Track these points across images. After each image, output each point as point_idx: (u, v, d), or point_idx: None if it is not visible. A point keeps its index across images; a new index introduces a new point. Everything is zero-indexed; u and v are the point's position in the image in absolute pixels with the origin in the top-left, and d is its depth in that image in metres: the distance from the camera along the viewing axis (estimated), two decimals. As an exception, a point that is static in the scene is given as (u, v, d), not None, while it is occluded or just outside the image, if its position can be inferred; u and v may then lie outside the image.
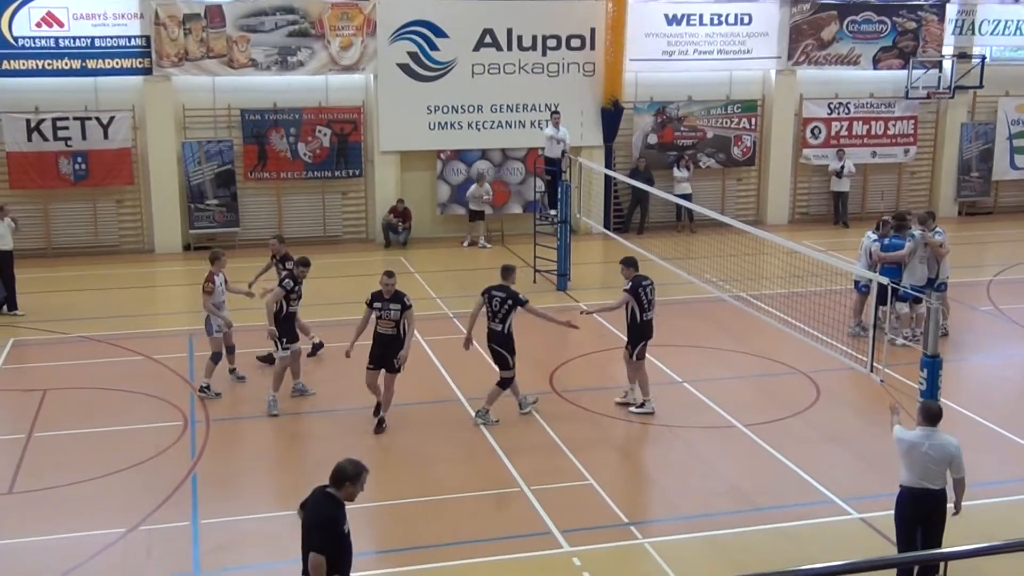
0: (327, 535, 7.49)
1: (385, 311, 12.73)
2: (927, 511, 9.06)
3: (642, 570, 9.85)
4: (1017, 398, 14.93)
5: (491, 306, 13.14)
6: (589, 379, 14.65)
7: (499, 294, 13.13)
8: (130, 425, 13.31)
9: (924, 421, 9.07)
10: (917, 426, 9.11)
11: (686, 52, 24.88)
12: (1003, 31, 26.95)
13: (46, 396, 14.24)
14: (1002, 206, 27.87)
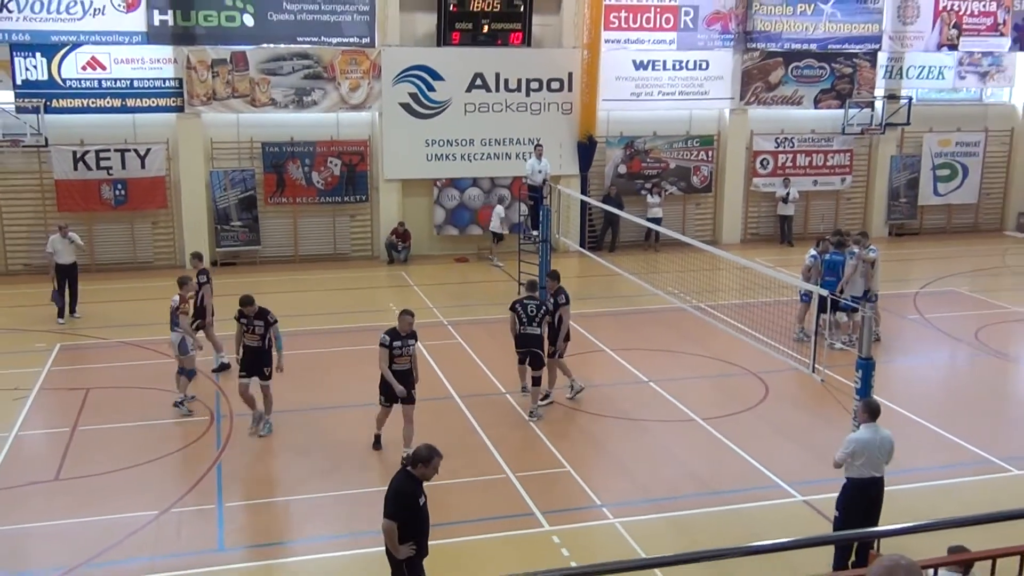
0: (398, 505, 7.69)
1: (251, 326, 12.33)
2: (874, 496, 9.09)
3: (613, 546, 9.82)
4: (940, 395, 14.98)
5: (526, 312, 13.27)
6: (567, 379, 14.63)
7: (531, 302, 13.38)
8: (162, 420, 13.26)
9: (870, 417, 9.11)
10: (862, 424, 9.13)
11: (652, 93, 24.93)
12: (927, 76, 27.10)
13: (89, 394, 14.17)
14: (927, 228, 27.95)
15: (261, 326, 12.36)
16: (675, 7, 24.51)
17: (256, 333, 12.36)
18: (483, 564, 9.41)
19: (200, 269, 15.27)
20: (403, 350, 11.72)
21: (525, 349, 13.30)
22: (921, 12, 26.21)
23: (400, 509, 7.65)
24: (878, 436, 9.01)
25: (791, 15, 25.30)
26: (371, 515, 10.59)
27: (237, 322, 12.47)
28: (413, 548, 7.71)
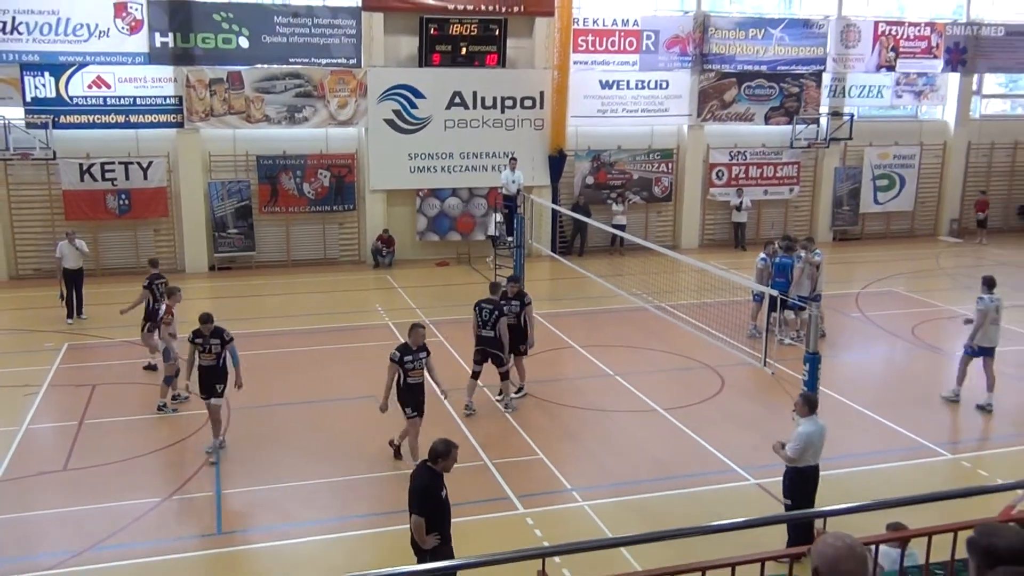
0: (423, 500, 7.60)
1: (207, 345, 11.44)
2: (816, 481, 9.19)
3: (581, 527, 9.84)
4: (880, 386, 15.09)
5: (481, 316, 13.11)
6: (540, 373, 14.63)
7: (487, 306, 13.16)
8: (164, 414, 13.14)
9: (809, 411, 9.17)
10: (803, 417, 9.19)
11: (616, 110, 24.99)
12: (867, 94, 27.31)
13: (95, 390, 14.03)
14: (868, 233, 28.17)
15: (217, 344, 11.46)
16: (637, 32, 24.59)
17: (212, 352, 11.43)
18: (465, 543, 9.35)
19: (152, 274, 15.07)
20: (415, 363, 11.00)
21: (481, 348, 13.17)
22: (862, 36, 26.42)
23: (425, 504, 7.59)
24: (819, 427, 9.10)
25: (743, 39, 25.43)
26: (360, 500, 10.60)
27: (191, 343, 11.46)
28: (438, 538, 7.66)
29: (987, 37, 27.52)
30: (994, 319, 13.60)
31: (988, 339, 13.61)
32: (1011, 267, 24.04)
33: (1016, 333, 17.67)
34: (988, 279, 14.01)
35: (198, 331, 11.50)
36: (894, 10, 27.66)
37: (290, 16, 22.09)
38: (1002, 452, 12.06)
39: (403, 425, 11.25)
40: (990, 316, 13.56)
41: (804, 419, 9.10)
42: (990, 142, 28.88)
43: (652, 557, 7.14)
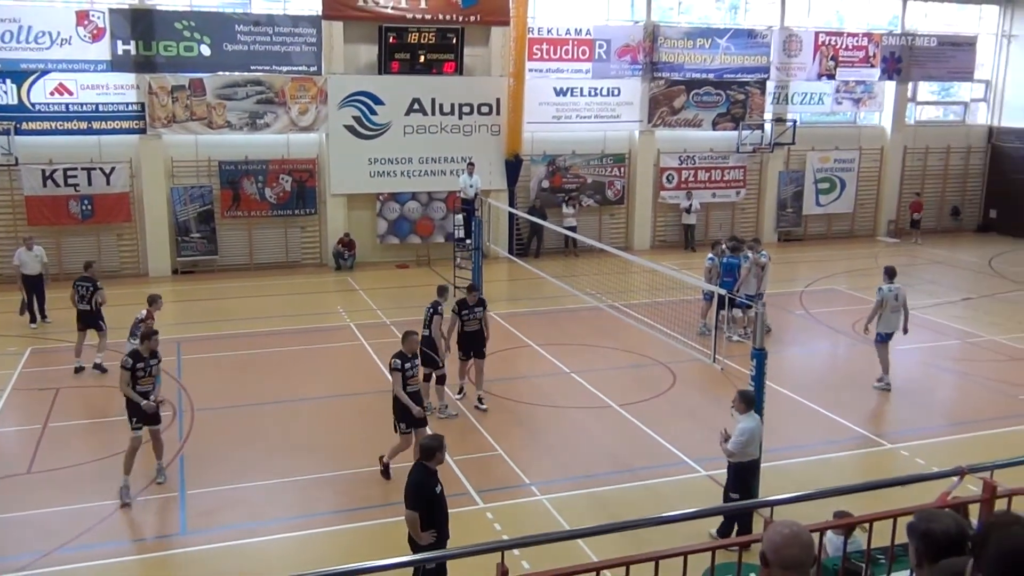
0: (418, 496, 7.58)
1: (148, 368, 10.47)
2: (757, 474, 9.32)
3: (540, 520, 9.84)
4: (823, 380, 15.30)
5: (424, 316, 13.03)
6: (498, 371, 14.64)
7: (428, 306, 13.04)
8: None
9: (747, 407, 9.31)
10: (742, 413, 9.31)
11: (570, 117, 25.06)
12: (809, 101, 27.70)
13: (58, 394, 13.76)
14: (810, 234, 28.53)
15: (156, 365, 10.60)
16: (590, 41, 24.69)
17: (152, 375, 10.53)
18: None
19: (82, 276, 14.94)
20: (413, 371, 10.76)
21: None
22: (803, 46, 26.79)
23: (420, 500, 7.56)
24: (758, 423, 9.24)
25: (691, 48, 25.67)
26: (325, 497, 10.51)
27: (130, 371, 10.33)
28: (434, 535, 7.62)
29: (920, 47, 28.07)
30: (894, 307, 14.25)
31: (888, 325, 14.30)
32: (945, 266, 24.56)
33: (952, 328, 18.06)
34: (889, 269, 14.76)
35: (139, 353, 10.51)
36: (834, 21, 28.09)
37: (251, 24, 21.84)
38: (938, 441, 12.29)
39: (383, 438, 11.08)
40: (889, 304, 14.22)
41: (743, 415, 9.23)
42: (924, 147, 29.47)
43: (608, 548, 7.16)
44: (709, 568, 4.89)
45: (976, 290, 21.43)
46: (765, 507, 6.08)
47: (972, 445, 11.97)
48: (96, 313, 14.99)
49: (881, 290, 14.40)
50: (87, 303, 14.87)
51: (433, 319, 12.78)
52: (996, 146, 29.84)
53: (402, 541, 7.86)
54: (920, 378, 15.47)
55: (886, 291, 14.32)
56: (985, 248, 27.02)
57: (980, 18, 29.31)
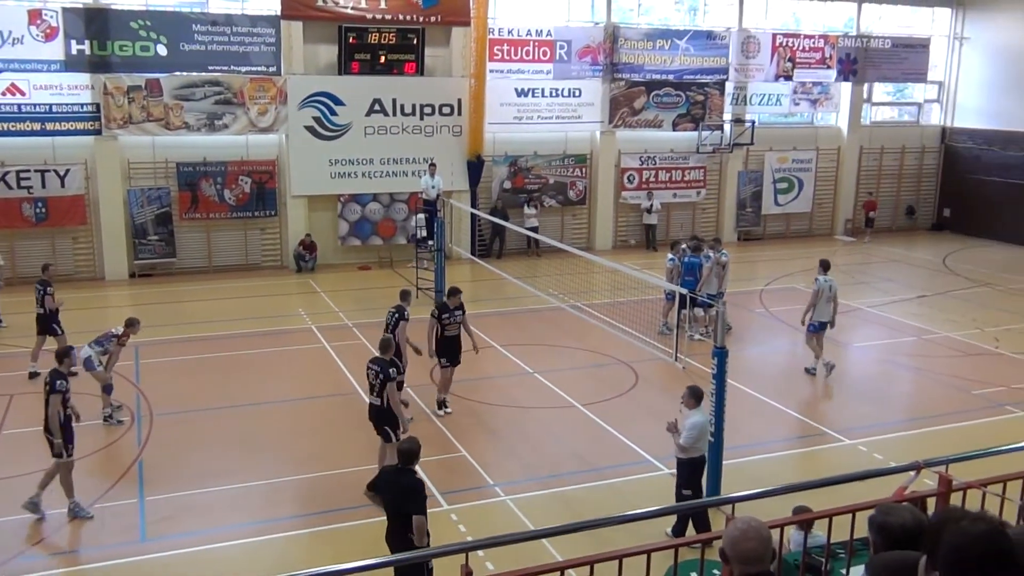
0: (422, 500, 7.43)
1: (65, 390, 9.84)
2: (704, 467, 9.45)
3: (505, 521, 9.85)
4: (782, 377, 15.47)
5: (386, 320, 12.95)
6: (461, 372, 14.60)
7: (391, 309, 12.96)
8: (86, 422, 12.64)
9: (696, 403, 9.42)
10: (691, 409, 9.41)
11: (532, 117, 25.09)
12: (767, 102, 28.02)
13: (12, 400, 13.49)
14: (769, 233, 28.82)
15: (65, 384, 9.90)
16: (551, 42, 24.76)
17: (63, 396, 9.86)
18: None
19: (39, 279, 14.86)
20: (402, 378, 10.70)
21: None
22: (761, 48, 27.09)
23: (424, 503, 7.49)
24: (706, 417, 9.36)
25: (651, 49, 25.84)
26: (287, 502, 10.41)
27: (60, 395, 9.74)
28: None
29: (875, 49, 28.53)
30: (828, 298, 14.83)
31: (821, 315, 14.88)
32: (901, 264, 24.99)
33: (908, 325, 18.37)
34: (824, 262, 15.29)
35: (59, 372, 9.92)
36: (791, 23, 28.43)
37: (209, 24, 21.59)
38: (895, 437, 12.50)
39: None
40: (824, 295, 14.80)
41: (692, 411, 9.34)
42: (880, 147, 29.95)
43: (573, 547, 7.17)
44: (672, 566, 4.93)
45: (931, 287, 21.82)
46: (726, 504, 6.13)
47: (928, 440, 12.18)
48: (48, 316, 14.72)
49: (818, 281, 14.97)
50: (40, 306, 14.63)
51: (399, 324, 12.71)
52: (949, 146, 30.41)
53: (365, 544, 7.81)
54: (877, 375, 15.72)
55: (822, 282, 14.89)
56: (939, 246, 27.52)
57: (933, 20, 29.86)
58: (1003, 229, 27.83)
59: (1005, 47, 28.29)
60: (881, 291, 21.24)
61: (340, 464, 11.22)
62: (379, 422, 10.42)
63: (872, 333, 18.00)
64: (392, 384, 10.37)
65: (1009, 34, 28.16)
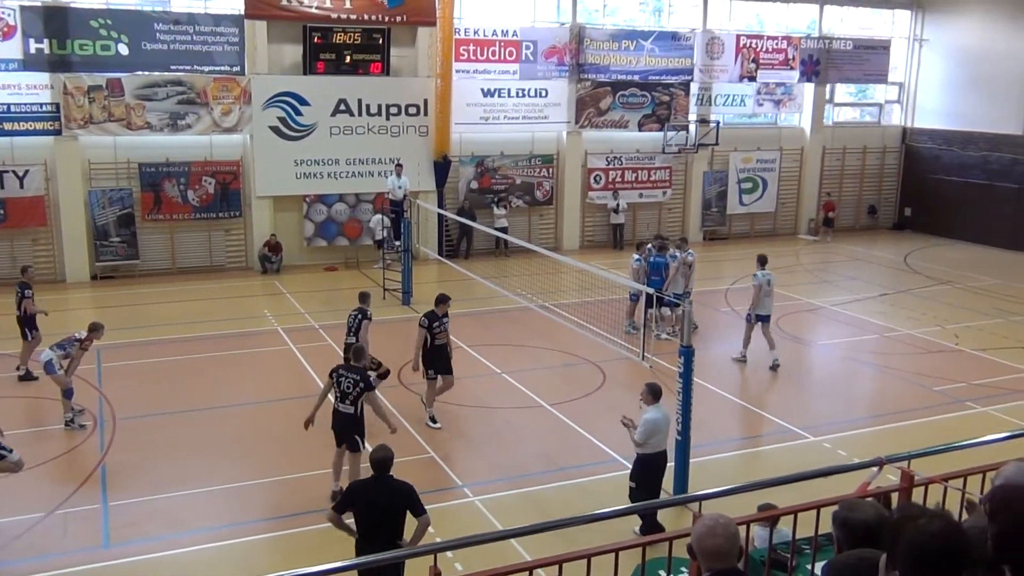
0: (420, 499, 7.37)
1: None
2: (663, 466, 9.52)
3: (473, 522, 9.84)
4: (748, 375, 15.61)
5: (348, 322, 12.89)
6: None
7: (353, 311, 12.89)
8: (47, 427, 12.51)
9: (654, 399, 9.49)
10: (649, 405, 9.48)
11: (498, 118, 25.09)
12: (731, 103, 28.25)
13: (-19, 404, 13.23)
14: (734, 233, 29.04)
15: None
16: (517, 42, 24.78)
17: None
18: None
19: (20, 281, 14.71)
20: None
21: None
22: (725, 49, 27.32)
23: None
24: (663, 415, 9.43)
25: (617, 50, 25.95)
26: (253, 506, 10.31)
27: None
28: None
29: (837, 50, 28.88)
30: (767, 291, 15.36)
31: (763, 308, 15.43)
32: (863, 263, 25.33)
33: (870, 323, 18.63)
34: (761, 257, 15.87)
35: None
36: (754, 24, 28.70)
37: (171, 23, 21.33)
38: (858, 433, 12.65)
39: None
40: (763, 289, 15.34)
41: (649, 407, 9.42)
42: (842, 147, 30.33)
43: (542, 547, 7.19)
44: (640, 564, 4.95)
45: (893, 286, 22.13)
46: (693, 502, 6.19)
47: (891, 436, 12.36)
48: (24, 320, 14.54)
49: (756, 276, 15.51)
50: (18, 308, 14.51)
51: (362, 324, 12.65)
52: (910, 146, 30.88)
53: (333, 548, 7.76)
54: (841, 372, 15.93)
55: (760, 276, 15.44)
56: (900, 245, 27.93)
57: (893, 23, 30.31)
58: (962, 228, 28.32)
59: (963, 49, 28.79)
60: (844, 289, 21.52)
61: (307, 467, 11.13)
62: (350, 431, 10.11)
63: (836, 331, 18.22)
64: (374, 393, 10.15)
65: (967, 36, 28.66)
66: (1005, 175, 27.53)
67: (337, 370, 10.21)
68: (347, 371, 10.15)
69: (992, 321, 18.65)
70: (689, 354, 10.11)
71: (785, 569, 5.61)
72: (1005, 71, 27.13)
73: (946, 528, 2.70)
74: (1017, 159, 27.20)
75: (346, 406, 10.05)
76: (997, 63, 27.37)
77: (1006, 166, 27.52)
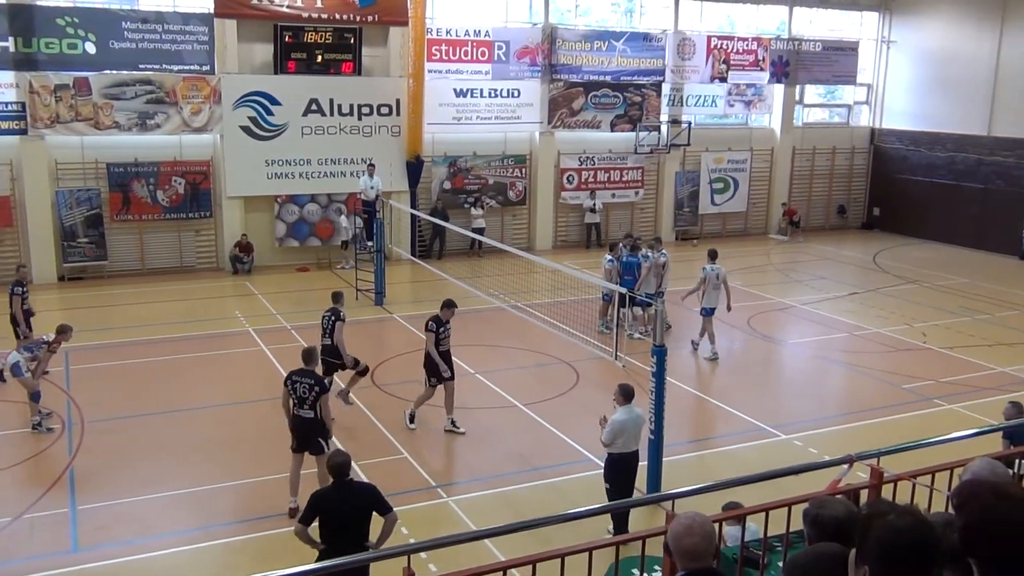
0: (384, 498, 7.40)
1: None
2: (633, 467, 9.55)
3: (447, 523, 9.83)
4: (720, 374, 15.71)
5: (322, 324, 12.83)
6: (402, 374, 14.54)
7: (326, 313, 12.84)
8: (13, 430, 12.32)
9: (625, 400, 9.53)
10: (620, 405, 9.52)
11: (471, 118, 25.07)
12: (703, 103, 28.43)
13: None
14: (707, 233, 29.15)
15: None
16: (489, 42, 24.77)
17: None
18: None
19: (16, 280, 14.56)
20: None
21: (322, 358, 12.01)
22: (696, 50, 27.48)
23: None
24: (633, 416, 9.47)
25: (589, 51, 26.02)
26: (223, 509, 10.22)
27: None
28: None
29: (806, 52, 29.16)
30: (715, 285, 15.83)
31: (711, 301, 15.89)
32: (833, 262, 25.58)
33: (840, 322, 18.81)
34: (711, 252, 16.41)
35: None
36: (725, 26, 28.89)
37: (139, 21, 21.11)
38: (829, 431, 12.77)
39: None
40: (711, 282, 15.82)
41: (620, 408, 9.46)
42: (812, 147, 30.62)
43: (516, 547, 7.19)
44: (614, 563, 4.97)
45: (862, 285, 22.37)
46: (666, 500, 6.21)
47: (861, 433, 12.49)
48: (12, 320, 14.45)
49: (705, 269, 15.97)
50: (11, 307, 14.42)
51: (335, 325, 12.59)
52: (878, 147, 31.25)
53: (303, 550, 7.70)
54: (811, 370, 16.07)
55: (708, 270, 15.90)
56: (869, 244, 28.25)
57: (861, 24, 30.64)
58: (929, 228, 28.69)
59: (930, 51, 29.17)
60: (814, 289, 21.72)
61: (278, 469, 11.04)
62: (312, 434, 10.02)
63: (806, 330, 18.38)
64: (327, 395, 10.08)
65: (934, 38, 29.04)
66: (971, 175, 27.93)
67: (291, 377, 10.06)
68: (300, 376, 10.00)
69: (959, 319, 18.90)
70: (662, 354, 10.15)
71: (757, 567, 5.64)
72: (971, 73, 27.52)
73: (915, 524, 2.72)
74: (982, 160, 27.61)
75: (305, 411, 9.96)
76: (963, 65, 27.76)
77: (972, 166, 27.92)
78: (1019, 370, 15.38)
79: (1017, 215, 26.04)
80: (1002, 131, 26.96)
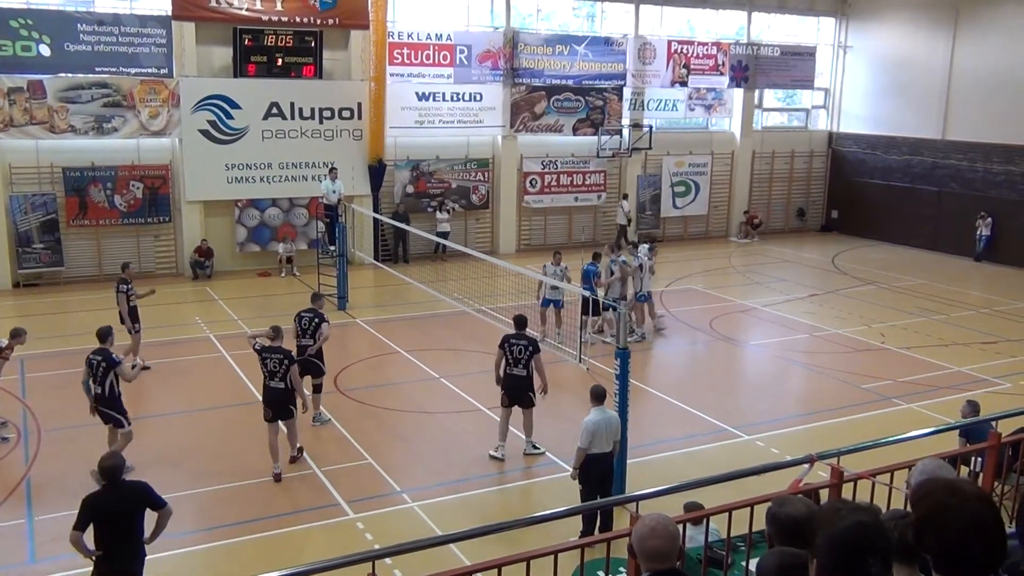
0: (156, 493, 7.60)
1: None
2: (606, 468, 9.58)
3: (412, 527, 9.79)
4: (684, 375, 15.85)
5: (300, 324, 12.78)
6: (366, 379, 14.45)
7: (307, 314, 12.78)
8: (-33, 440, 12.06)
9: (597, 402, 9.56)
10: (592, 407, 9.56)
11: (433, 121, 25.04)
12: (664, 107, 28.61)
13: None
14: (668, 236, 29.27)
15: None
16: (451, 46, 24.77)
17: None
18: (297, 552, 9.14)
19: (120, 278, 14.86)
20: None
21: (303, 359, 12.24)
22: (657, 54, 27.70)
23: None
24: (605, 417, 9.51)
25: (551, 55, 26.12)
26: (182, 518, 10.05)
27: None
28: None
29: (765, 56, 29.52)
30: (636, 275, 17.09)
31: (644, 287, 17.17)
32: (793, 264, 25.90)
33: (800, 323, 19.04)
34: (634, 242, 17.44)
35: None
36: (685, 30, 29.15)
37: (95, 24, 20.80)
38: (790, 431, 12.92)
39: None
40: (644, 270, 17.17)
41: (592, 409, 9.51)
42: (771, 151, 30.99)
43: (482, 551, 7.19)
44: (579, 566, 4.99)
45: (821, 286, 22.66)
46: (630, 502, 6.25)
47: (821, 433, 12.65)
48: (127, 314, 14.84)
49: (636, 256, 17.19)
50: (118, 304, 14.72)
51: (321, 327, 12.56)
52: (836, 150, 31.70)
53: (267, 556, 7.65)
54: (772, 371, 16.25)
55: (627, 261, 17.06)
56: (828, 247, 28.65)
57: (819, 30, 31.09)
58: (886, 230, 29.16)
59: (886, 56, 29.67)
60: (774, 291, 21.97)
61: (240, 476, 10.95)
62: (284, 403, 10.98)
63: (767, 331, 18.58)
64: (296, 367, 11.03)
65: (889, 43, 29.55)
66: (926, 178, 28.45)
67: (261, 353, 11.09)
68: (270, 352, 11.02)
69: (916, 320, 19.23)
70: (625, 356, 10.21)
71: (720, 566, 5.70)
72: (925, 78, 28.04)
73: (862, 522, 2.79)
74: (937, 163, 28.13)
75: (276, 383, 10.98)
76: (918, 70, 28.27)
77: (927, 169, 28.44)
78: (975, 369, 15.69)
79: (971, 217, 26.56)
80: (956, 135, 27.49)
